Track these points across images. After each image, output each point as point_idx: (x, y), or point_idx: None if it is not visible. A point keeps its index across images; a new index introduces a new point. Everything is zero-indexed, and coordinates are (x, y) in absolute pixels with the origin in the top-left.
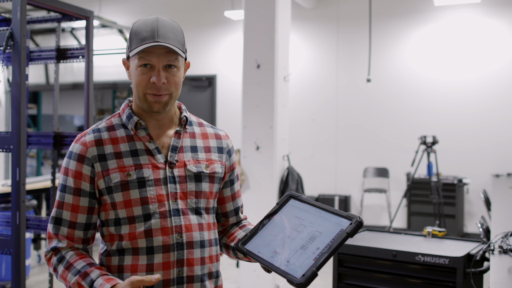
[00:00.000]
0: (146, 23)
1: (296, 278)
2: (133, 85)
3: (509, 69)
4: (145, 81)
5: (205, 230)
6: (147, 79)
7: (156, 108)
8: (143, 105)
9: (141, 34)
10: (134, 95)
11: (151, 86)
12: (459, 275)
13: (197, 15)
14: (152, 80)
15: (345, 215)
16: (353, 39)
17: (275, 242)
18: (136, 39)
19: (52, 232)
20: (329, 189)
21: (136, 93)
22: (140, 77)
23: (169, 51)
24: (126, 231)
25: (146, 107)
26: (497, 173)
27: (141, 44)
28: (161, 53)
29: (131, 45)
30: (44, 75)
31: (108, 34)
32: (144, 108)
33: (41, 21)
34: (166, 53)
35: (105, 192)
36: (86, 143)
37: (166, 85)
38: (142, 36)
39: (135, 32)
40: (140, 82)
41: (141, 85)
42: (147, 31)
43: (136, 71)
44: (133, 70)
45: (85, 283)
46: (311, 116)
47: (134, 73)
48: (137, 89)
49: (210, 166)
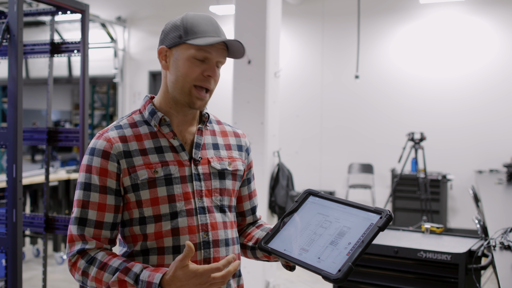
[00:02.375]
0: (203, 17)
1: (332, 274)
2: (176, 76)
3: (492, 67)
4: (196, 73)
5: (229, 228)
6: (199, 71)
7: (198, 105)
8: (184, 99)
9: (201, 27)
10: (175, 87)
11: (202, 79)
12: (461, 271)
13: (181, 9)
14: (207, 73)
15: (373, 209)
16: (338, 36)
17: (301, 239)
18: (195, 31)
19: (76, 234)
20: (314, 185)
21: (181, 85)
22: (193, 68)
23: (224, 48)
24: (152, 230)
25: (187, 101)
26: (480, 169)
27: (205, 36)
28: (220, 48)
29: (186, 34)
30: (24, 69)
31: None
32: (184, 103)
33: (35, 13)
34: (223, 49)
35: (131, 189)
36: (111, 139)
37: (213, 81)
38: (203, 29)
39: (192, 23)
40: (191, 73)
41: (190, 76)
42: (207, 25)
43: (187, 62)
44: (180, 61)
45: (129, 278)
46: (296, 112)
47: (182, 63)
48: (184, 80)
49: (233, 163)
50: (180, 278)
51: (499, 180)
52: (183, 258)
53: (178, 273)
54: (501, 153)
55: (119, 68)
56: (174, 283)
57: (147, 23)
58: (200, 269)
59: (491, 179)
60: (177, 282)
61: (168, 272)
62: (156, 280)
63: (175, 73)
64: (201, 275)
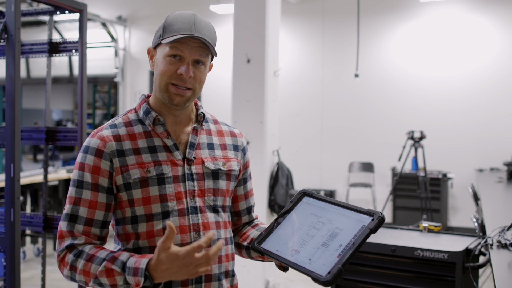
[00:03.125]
0: (183, 15)
1: (322, 276)
2: (156, 75)
3: (493, 65)
4: (171, 71)
5: (222, 228)
6: (174, 69)
7: (177, 101)
8: (163, 96)
9: (177, 25)
10: (155, 85)
11: (176, 77)
12: (458, 269)
13: (181, 8)
14: (180, 71)
15: (365, 211)
16: (339, 35)
17: (294, 240)
18: (170, 29)
19: (65, 230)
20: (315, 184)
21: (159, 83)
22: (168, 66)
23: (202, 46)
24: (144, 229)
25: (167, 98)
26: (481, 167)
27: (177, 34)
28: (194, 46)
29: (163, 33)
30: (25, 68)
31: (91, 28)
32: (164, 100)
33: (33, 13)
34: (199, 47)
35: (123, 188)
36: (104, 138)
37: (192, 79)
38: (178, 27)
39: (170, 22)
40: (166, 71)
41: (166, 75)
42: (183, 23)
43: (163, 60)
44: (159, 59)
45: (116, 266)
46: (296, 111)
47: (160, 62)
48: (160, 78)
49: (227, 163)
50: (164, 261)
51: (500, 179)
52: (164, 239)
53: (161, 256)
54: (502, 151)
55: (119, 67)
56: (159, 267)
57: (147, 22)
58: (181, 250)
59: (492, 178)
60: (161, 266)
61: (153, 257)
62: (142, 265)
63: (156, 72)
64: (183, 257)
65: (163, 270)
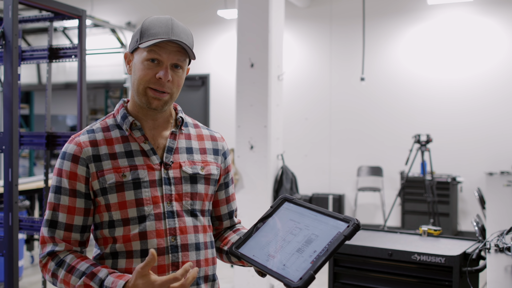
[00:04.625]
0: (160, 20)
1: (293, 282)
2: (133, 79)
3: (502, 67)
4: (149, 76)
5: (201, 232)
6: (152, 74)
7: (155, 105)
8: (142, 100)
9: (154, 29)
10: (133, 90)
11: (155, 82)
12: (455, 274)
13: (189, 14)
14: (159, 75)
15: (342, 218)
16: (346, 38)
17: (270, 245)
18: (148, 33)
19: (47, 236)
20: (323, 188)
21: (136, 87)
22: (145, 71)
23: (179, 50)
24: (120, 233)
25: (145, 102)
26: (491, 171)
27: (155, 38)
28: (172, 50)
29: (141, 38)
30: (36, 74)
31: (100, 34)
32: (142, 104)
33: (33, 20)
34: (177, 51)
35: (100, 193)
36: (81, 143)
37: (170, 83)
38: (155, 31)
39: (147, 27)
40: (144, 76)
41: (144, 79)
42: (161, 27)
43: (141, 65)
44: (137, 64)
45: (94, 283)
46: (305, 115)
47: (138, 66)
48: (138, 83)
49: (206, 167)
50: (140, 287)
51: (509, 182)
52: (144, 266)
53: (138, 282)
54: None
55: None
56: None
57: None
58: (158, 280)
59: (501, 181)
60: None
61: (130, 280)
62: (119, 287)
63: (133, 76)
64: (159, 286)
65: None
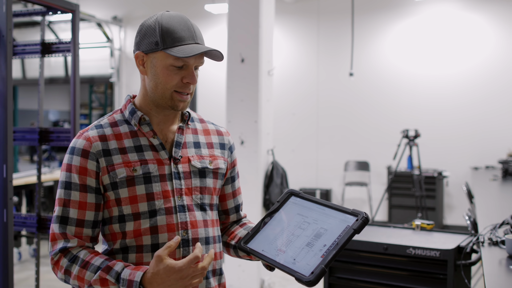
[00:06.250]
0: (177, 20)
1: (305, 276)
2: (155, 82)
3: (488, 63)
4: (176, 80)
5: (210, 226)
6: (178, 79)
7: (181, 107)
8: (167, 103)
9: (178, 33)
10: (154, 92)
11: (182, 86)
12: (450, 267)
13: (176, 9)
14: (186, 80)
15: (350, 212)
16: (334, 34)
17: (279, 240)
18: (172, 38)
19: (58, 232)
20: (310, 183)
21: (161, 91)
22: (172, 76)
23: (202, 53)
24: (131, 228)
25: (170, 105)
26: (476, 166)
27: (182, 44)
28: (199, 55)
29: (163, 41)
30: (21, 69)
31: (86, 28)
32: (165, 106)
33: (25, 14)
34: (201, 55)
35: (110, 187)
36: (90, 138)
37: (193, 85)
38: (180, 36)
39: (167, 29)
40: (171, 80)
41: (171, 84)
42: (183, 30)
43: (166, 70)
44: (159, 68)
45: (110, 276)
46: (292, 111)
47: (161, 71)
48: (163, 87)
49: (214, 161)
50: (161, 275)
51: (494, 177)
52: (164, 248)
53: (159, 268)
54: (497, 149)
55: (115, 67)
56: (155, 280)
57: None
58: (179, 263)
59: (487, 176)
60: (157, 279)
61: (149, 270)
62: (137, 278)
63: (154, 79)
64: (180, 269)
65: (158, 284)
